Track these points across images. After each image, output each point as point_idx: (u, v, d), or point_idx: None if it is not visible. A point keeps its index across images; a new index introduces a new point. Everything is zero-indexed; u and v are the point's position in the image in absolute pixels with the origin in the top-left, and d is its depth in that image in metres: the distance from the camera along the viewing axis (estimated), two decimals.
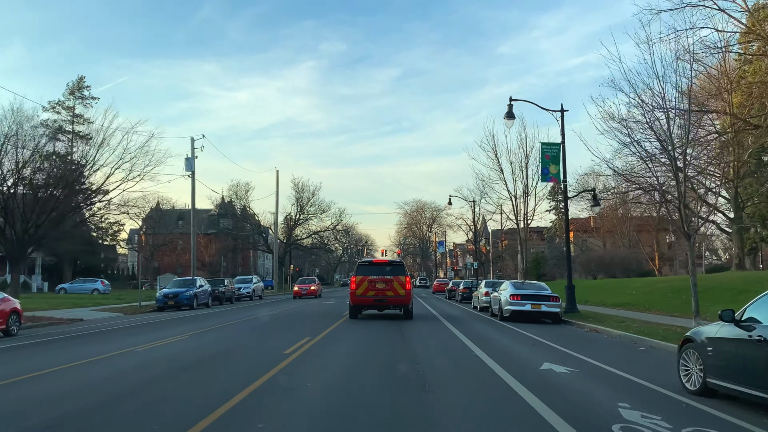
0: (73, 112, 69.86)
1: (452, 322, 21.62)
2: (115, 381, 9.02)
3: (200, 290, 33.48)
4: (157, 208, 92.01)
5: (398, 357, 11.66)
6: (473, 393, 8.20)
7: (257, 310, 29.85)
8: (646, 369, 10.36)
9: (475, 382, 9.04)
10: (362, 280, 20.62)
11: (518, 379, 8.97)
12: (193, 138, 40.84)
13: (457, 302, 38.58)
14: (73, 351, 13.04)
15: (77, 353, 12.31)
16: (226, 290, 39.22)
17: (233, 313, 27.06)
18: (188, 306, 31.77)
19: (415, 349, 13.26)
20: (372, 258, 40.47)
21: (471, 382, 9.12)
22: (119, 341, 14.92)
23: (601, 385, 8.92)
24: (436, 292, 61.11)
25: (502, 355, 12.11)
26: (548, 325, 20.47)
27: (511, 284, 22.25)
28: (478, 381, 9.11)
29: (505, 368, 10.01)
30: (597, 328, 18.33)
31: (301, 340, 14.11)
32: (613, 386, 8.75)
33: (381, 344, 14.30)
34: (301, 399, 7.57)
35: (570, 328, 19.73)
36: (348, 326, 19.19)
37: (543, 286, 22.33)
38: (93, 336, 17.06)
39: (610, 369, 10.29)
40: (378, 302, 20.86)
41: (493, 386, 8.56)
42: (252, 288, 45.52)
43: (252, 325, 20.02)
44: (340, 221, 77.90)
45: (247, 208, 75.90)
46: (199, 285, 33.79)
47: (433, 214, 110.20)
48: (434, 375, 9.53)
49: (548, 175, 24.55)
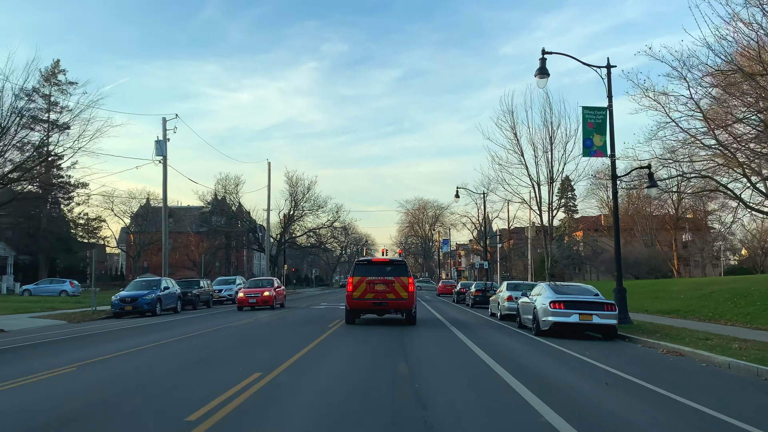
0: (50, 100, 64.65)
1: (468, 333, 16.82)
2: None
3: (165, 293, 28.26)
4: (146, 205, 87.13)
5: (399, 402, 6.50)
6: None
7: (231, 317, 24.72)
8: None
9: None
10: (360, 281, 18.43)
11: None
12: (164, 118, 35.69)
13: (468, 307, 33.38)
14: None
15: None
16: (201, 293, 34.00)
17: (196, 323, 21.85)
18: (150, 312, 26.61)
19: (425, 380, 8.15)
20: (371, 257, 35.42)
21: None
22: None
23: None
24: (442, 295, 55.83)
25: (564, 399, 7.37)
26: (601, 342, 15.29)
27: (549, 287, 17.00)
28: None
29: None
30: (679, 350, 13.06)
31: (247, 379, 8.83)
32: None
33: (376, 378, 9.05)
34: None
35: (635, 347, 14.47)
36: (332, 344, 13.94)
37: (590, 290, 17.07)
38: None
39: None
40: (377, 306, 18.64)
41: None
42: (235, 290, 40.23)
43: (203, 342, 14.78)
44: (337, 217, 72.52)
45: (237, 204, 70.58)
46: (164, 287, 28.56)
47: (436, 213, 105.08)
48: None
49: (592, 149, 19.32)
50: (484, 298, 32.24)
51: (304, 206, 70.60)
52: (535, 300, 16.89)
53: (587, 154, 19.50)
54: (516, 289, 23.12)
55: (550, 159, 28.56)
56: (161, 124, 35.51)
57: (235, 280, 41.89)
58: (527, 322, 17.84)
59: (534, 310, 16.66)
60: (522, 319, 18.67)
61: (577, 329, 15.81)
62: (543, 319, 15.96)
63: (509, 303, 22.06)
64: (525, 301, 18.36)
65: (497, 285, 33.77)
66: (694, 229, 67.32)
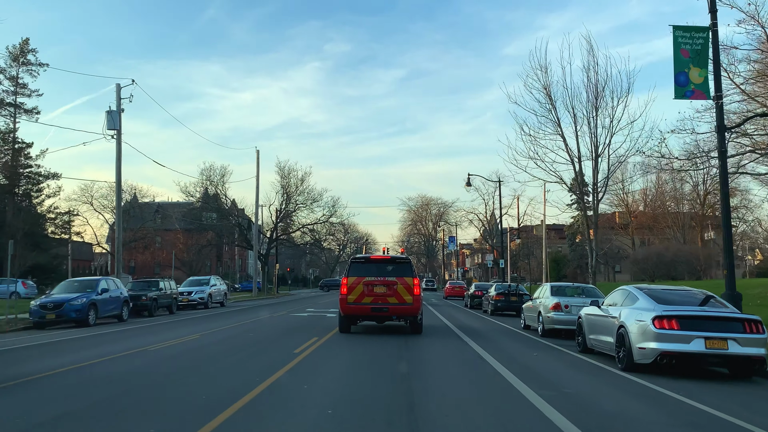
0: (17, 82, 58.58)
1: (498, 353, 11.16)
2: None
3: (103, 297, 22.13)
4: (134, 201, 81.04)
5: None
6: None
7: (191, 326, 18.77)
8: None
9: None
10: (356, 282, 15.81)
11: None
12: (118, 84, 29.48)
13: (487, 314, 27.19)
14: None
15: None
16: (160, 296, 27.84)
17: (109, 341, 15.66)
18: (79, 321, 20.54)
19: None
20: (369, 254, 29.50)
21: None
22: None
23: None
24: (450, 298, 49.56)
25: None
26: (738, 384, 9.14)
27: (643, 293, 10.77)
28: None
29: None
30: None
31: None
32: None
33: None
34: None
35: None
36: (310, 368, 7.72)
37: (706, 296, 10.75)
38: None
39: None
40: (377, 312, 15.91)
41: None
42: (208, 292, 34.09)
43: (106, 373, 8.63)
44: (334, 212, 65.89)
45: (224, 196, 64.35)
46: (102, 289, 22.39)
47: (440, 210, 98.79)
48: None
49: (687, 87, 13.19)
50: (508, 304, 26.05)
51: (297, 200, 64.28)
52: (620, 314, 10.66)
53: (681, 95, 13.25)
54: (563, 293, 16.95)
55: (593, 127, 22.29)
56: (115, 92, 29.35)
57: (209, 281, 35.68)
58: (602, 347, 11.63)
59: (620, 330, 10.41)
60: (589, 340, 12.43)
61: (700, 362, 9.63)
62: (640, 346, 9.74)
63: (557, 314, 15.85)
64: (595, 314, 12.13)
65: (522, 288, 27.52)
66: (716, 226, 61.59)
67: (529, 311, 18.64)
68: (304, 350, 11.93)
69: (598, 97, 22.78)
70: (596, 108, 22.84)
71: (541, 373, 9.93)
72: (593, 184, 22.68)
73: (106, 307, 22.28)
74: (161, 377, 9.21)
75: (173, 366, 10.24)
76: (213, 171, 62.35)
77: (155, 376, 9.34)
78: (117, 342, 14.75)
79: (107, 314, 22.58)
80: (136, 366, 10.40)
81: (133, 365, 10.52)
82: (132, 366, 10.42)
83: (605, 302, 12.10)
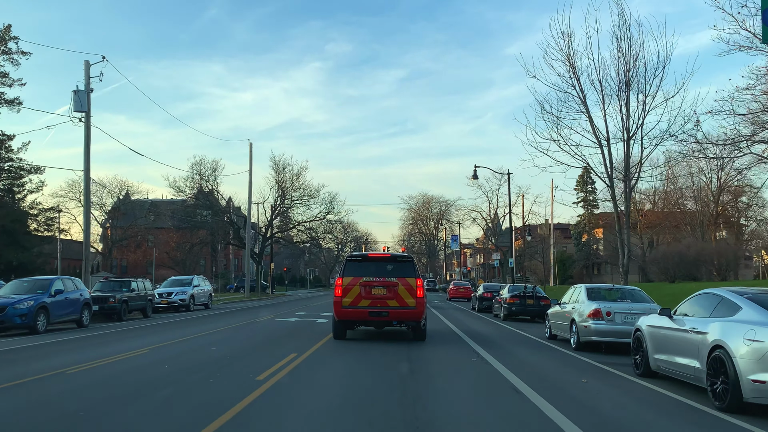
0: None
1: (526, 375, 8.30)
2: None
3: (56, 300, 19.03)
4: (126, 198, 78.10)
5: None
6: None
7: (153, 335, 15.70)
8: None
9: None
10: (352, 283, 14.10)
11: None
12: (87, 61, 26.38)
13: (497, 318, 24.12)
14: None
15: None
16: (132, 297, 24.77)
17: (77, 350, 12.63)
18: (26, 327, 17.50)
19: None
20: (367, 252, 26.68)
21: None
22: None
23: None
24: (454, 299, 46.46)
25: None
26: None
27: (743, 298, 7.68)
28: None
29: None
30: None
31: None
32: None
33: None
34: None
35: None
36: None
37: None
38: None
39: None
40: (375, 317, 14.19)
41: None
42: (189, 294, 30.99)
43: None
44: (331, 209, 62.48)
45: (216, 192, 61.23)
46: (56, 290, 19.29)
47: (441, 209, 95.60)
48: None
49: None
50: (523, 308, 22.97)
51: (292, 196, 61.07)
52: (713, 329, 7.54)
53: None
54: (602, 297, 13.84)
55: (625, 102, 19.20)
56: (84, 69, 26.27)
57: (191, 281, 32.56)
58: (677, 372, 8.52)
59: (716, 353, 7.29)
60: (654, 361, 9.31)
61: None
62: (755, 379, 6.67)
63: (596, 323, 12.75)
64: (664, 327, 9.03)
65: (540, 289, 24.43)
66: (728, 225, 58.73)
67: (556, 318, 15.52)
68: (272, 375, 8.83)
69: (630, 70, 19.68)
70: (627, 83, 19.74)
71: (613, 418, 6.84)
72: (624, 170, 19.54)
73: (60, 311, 19.20)
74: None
75: (55, 412, 6.99)
76: (204, 165, 59.14)
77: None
78: (42, 358, 11.65)
79: (63, 319, 19.52)
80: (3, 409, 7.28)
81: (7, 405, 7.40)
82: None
83: (678, 310, 9.00)
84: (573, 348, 13.61)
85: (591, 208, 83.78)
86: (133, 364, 10.33)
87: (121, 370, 9.72)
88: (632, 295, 13.86)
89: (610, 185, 20.10)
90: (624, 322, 12.71)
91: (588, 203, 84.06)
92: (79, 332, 18.38)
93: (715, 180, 56.88)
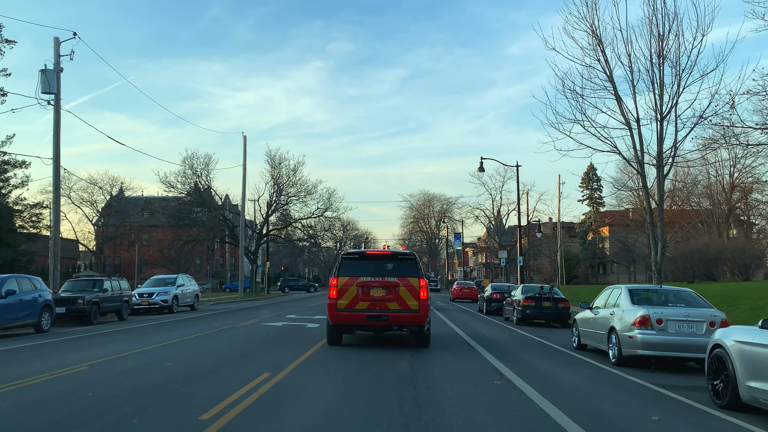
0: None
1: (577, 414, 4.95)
2: None
3: (8, 302, 16.66)
4: (119, 195, 75.62)
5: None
6: None
7: (114, 344, 13.40)
8: None
9: None
10: (348, 283, 12.82)
11: None
12: (57, 37, 23.93)
13: (508, 322, 21.70)
14: None
15: None
16: (104, 298, 22.35)
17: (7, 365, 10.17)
18: None
19: None
20: (364, 249, 24.44)
21: None
22: None
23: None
24: (458, 300, 44.03)
25: None
26: None
27: None
28: None
29: None
30: None
31: None
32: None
33: None
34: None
35: None
36: None
37: None
38: None
39: None
40: (374, 321, 12.76)
41: None
42: (173, 294, 28.54)
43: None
44: (329, 205, 59.82)
45: (207, 187, 58.72)
46: (7, 291, 16.87)
47: (443, 207, 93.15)
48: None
49: None
50: (539, 311, 20.52)
51: (288, 192, 58.53)
52: None
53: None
54: (648, 301, 11.39)
55: (658, 79, 16.75)
56: (53, 47, 23.83)
57: (175, 281, 30.09)
58: None
59: None
60: (748, 390, 6.83)
61: None
62: None
63: (645, 333, 10.29)
64: (762, 345, 6.52)
65: (557, 291, 21.98)
66: (739, 223, 56.50)
67: (587, 325, 13.03)
68: (225, 412, 6.36)
69: (663, 40, 17.22)
70: (661, 55, 17.27)
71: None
72: (658, 154, 17.07)
73: (11, 314, 16.76)
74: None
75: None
76: (196, 159, 56.63)
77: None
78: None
79: (16, 323, 17.11)
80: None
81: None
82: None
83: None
84: (613, 363, 11.14)
85: (597, 206, 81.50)
86: (44, 392, 7.83)
87: (26, 402, 7.24)
88: (684, 298, 11.39)
89: (641, 171, 17.59)
90: (679, 332, 10.26)
91: (594, 201, 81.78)
92: (33, 339, 15.97)
93: (727, 176, 54.83)
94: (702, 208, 55.15)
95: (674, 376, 10.00)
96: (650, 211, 18.53)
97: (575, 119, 17.66)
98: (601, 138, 17.53)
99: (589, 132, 17.59)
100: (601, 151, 17.83)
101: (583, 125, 17.54)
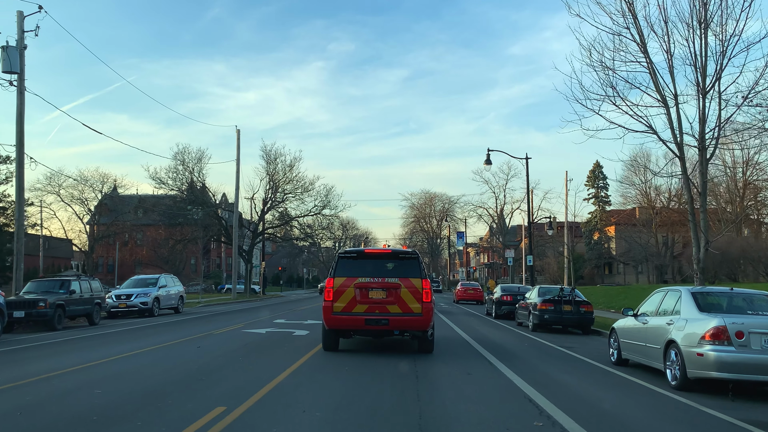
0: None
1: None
2: None
3: None
4: (113, 193, 73.23)
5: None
6: None
7: (53, 358, 11.14)
8: None
9: None
10: (345, 284, 11.99)
11: None
12: (21, 12, 21.58)
13: (521, 328, 19.32)
14: None
15: None
16: (71, 300, 19.99)
17: None
18: None
19: None
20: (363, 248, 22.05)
21: None
22: None
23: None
24: (462, 302, 41.66)
25: None
26: None
27: None
28: None
29: None
30: None
31: None
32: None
33: None
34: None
35: None
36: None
37: None
38: None
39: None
40: (373, 326, 11.94)
41: None
42: (153, 296, 26.15)
43: None
44: (327, 203, 57.27)
45: (201, 183, 56.32)
46: None
47: (445, 206, 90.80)
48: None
49: None
50: (559, 316, 18.13)
51: (285, 188, 56.08)
52: None
53: None
54: (721, 309, 8.97)
55: (702, 49, 14.38)
56: (16, 22, 21.47)
57: (157, 281, 27.68)
58: None
59: None
60: None
61: None
62: None
63: (721, 350, 7.84)
64: None
65: (579, 293, 19.56)
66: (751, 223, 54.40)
67: (631, 336, 10.61)
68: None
69: (707, 4, 14.84)
70: (703, 21, 14.89)
71: None
72: (700, 134, 14.70)
73: None
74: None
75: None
76: (188, 154, 54.19)
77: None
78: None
79: None
80: None
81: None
82: None
83: None
84: (672, 386, 8.74)
85: (603, 204, 79.20)
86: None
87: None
88: (763, 303, 8.99)
89: (680, 154, 15.20)
90: (765, 350, 7.87)
91: (600, 200, 79.45)
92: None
93: (740, 174, 52.84)
94: (719, 207, 53.07)
95: (762, 406, 7.62)
96: (691, 200, 16.12)
97: (605, 95, 15.27)
98: (634, 116, 15.14)
99: (621, 110, 15.20)
100: (634, 131, 15.43)
101: (614, 101, 15.14)
